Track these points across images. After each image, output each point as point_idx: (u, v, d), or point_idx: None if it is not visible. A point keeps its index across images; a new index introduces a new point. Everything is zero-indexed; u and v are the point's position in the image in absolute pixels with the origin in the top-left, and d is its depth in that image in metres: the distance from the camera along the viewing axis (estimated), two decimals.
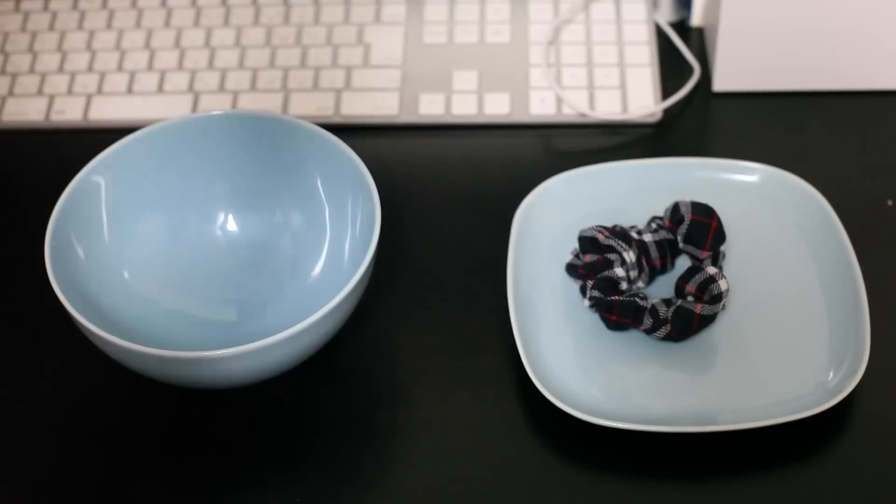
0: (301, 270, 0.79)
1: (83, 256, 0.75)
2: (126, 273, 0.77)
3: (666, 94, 0.91)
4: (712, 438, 0.71)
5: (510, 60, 0.93)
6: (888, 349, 0.75)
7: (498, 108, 0.90)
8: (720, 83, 0.91)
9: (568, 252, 0.79)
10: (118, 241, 0.77)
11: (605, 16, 0.95)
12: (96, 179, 0.76)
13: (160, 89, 0.92)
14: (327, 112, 0.90)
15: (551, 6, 0.96)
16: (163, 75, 0.93)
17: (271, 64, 0.93)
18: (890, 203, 0.83)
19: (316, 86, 0.91)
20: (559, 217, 0.81)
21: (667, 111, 0.90)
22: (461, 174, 0.87)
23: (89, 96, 0.92)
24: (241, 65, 0.93)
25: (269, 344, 0.66)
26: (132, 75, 0.93)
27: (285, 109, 0.90)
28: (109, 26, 0.96)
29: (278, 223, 0.80)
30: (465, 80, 0.91)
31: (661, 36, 0.95)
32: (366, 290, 0.71)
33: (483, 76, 0.92)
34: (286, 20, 0.96)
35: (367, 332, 0.78)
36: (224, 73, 0.92)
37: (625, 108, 0.89)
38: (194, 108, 0.90)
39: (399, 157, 0.88)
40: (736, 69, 0.90)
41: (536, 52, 0.93)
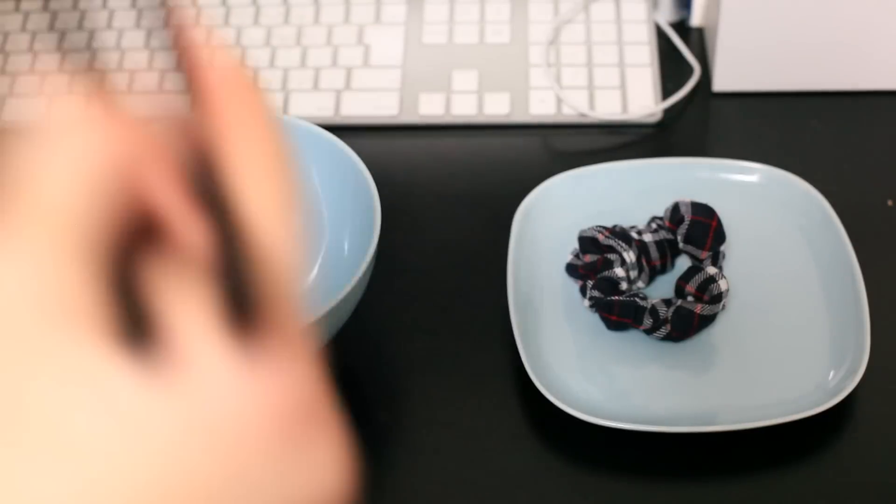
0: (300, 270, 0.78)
1: None
2: None
3: (666, 94, 0.90)
4: (712, 438, 0.71)
5: (510, 60, 0.93)
6: (888, 349, 0.75)
7: (498, 108, 0.90)
8: (720, 83, 0.91)
9: (568, 252, 0.79)
10: None
11: (605, 16, 0.95)
12: None
13: (160, 89, 0.92)
14: (327, 112, 0.90)
15: (551, 6, 0.96)
16: (163, 75, 0.92)
17: (271, 64, 0.93)
18: (890, 203, 0.83)
19: (316, 86, 0.91)
20: (559, 217, 0.81)
21: (667, 111, 0.90)
22: (461, 174, 0.87)
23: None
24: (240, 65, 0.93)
25: None
26: (132, 75, 0.93)
27: (285, 109, 0.90)
28: (109, 26, 0.96)
29: None
30: (464, 80, 0.91)
31: (661, 36, 0.95)
32: (366, 291, 0.71)
33: (483, 76, 0.92)
34: (286, 20, 0.96)
35: (367, 332, 0.78)
36: None
37: (625, 109, 0.89)
38: None
39: (399, 157, 0.88)
40: (736, 69, 0.90)
41: (536, 52, 0.93)
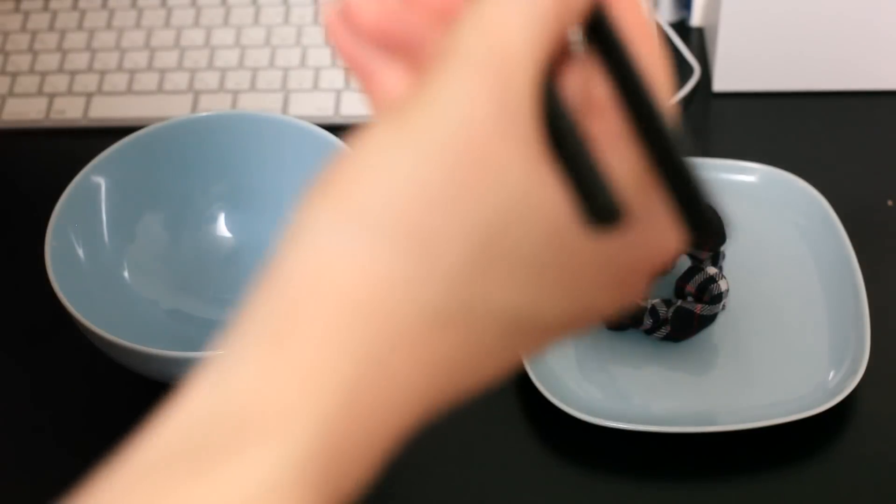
0: None
1: (83, 256, 0.75)
2: (126, 273, 0.77)
3: None
4: (712, 438, 0.71)
5: None
6: (888, 349, 0.74)
7: None
8: (720, 83, 0.91)
9: None
10: (118, 241, 0.77)
11: None
12: (96, 179, 0.76)
13: (160, 89, 0.92)
14: (327, 112, 0.90)
15: None
16: (162, 75, 0.93)
17: (271, 64, 0.93)
18: (890, 203, 0.83)
19: (316, 86, 0.91)
20: None
21: None
22: None
23: (89, 96, 0.92)
24: (240, 65, 0.93)
25: None
26: (132, 75, 0.93)
27: (285, 109, 0.90)
28: (109, 26, 0.96)
29: (278, 223, 0.80)
30: None
31: (661, 36, 0.95)
32: None
33: None
34: (286, 20, 0.96)
35: None
36: (224, 73, 0.92)
37: None
38: (194, 108, 0.90)
39: None
40: (736, 69, 0.90)
41: None
